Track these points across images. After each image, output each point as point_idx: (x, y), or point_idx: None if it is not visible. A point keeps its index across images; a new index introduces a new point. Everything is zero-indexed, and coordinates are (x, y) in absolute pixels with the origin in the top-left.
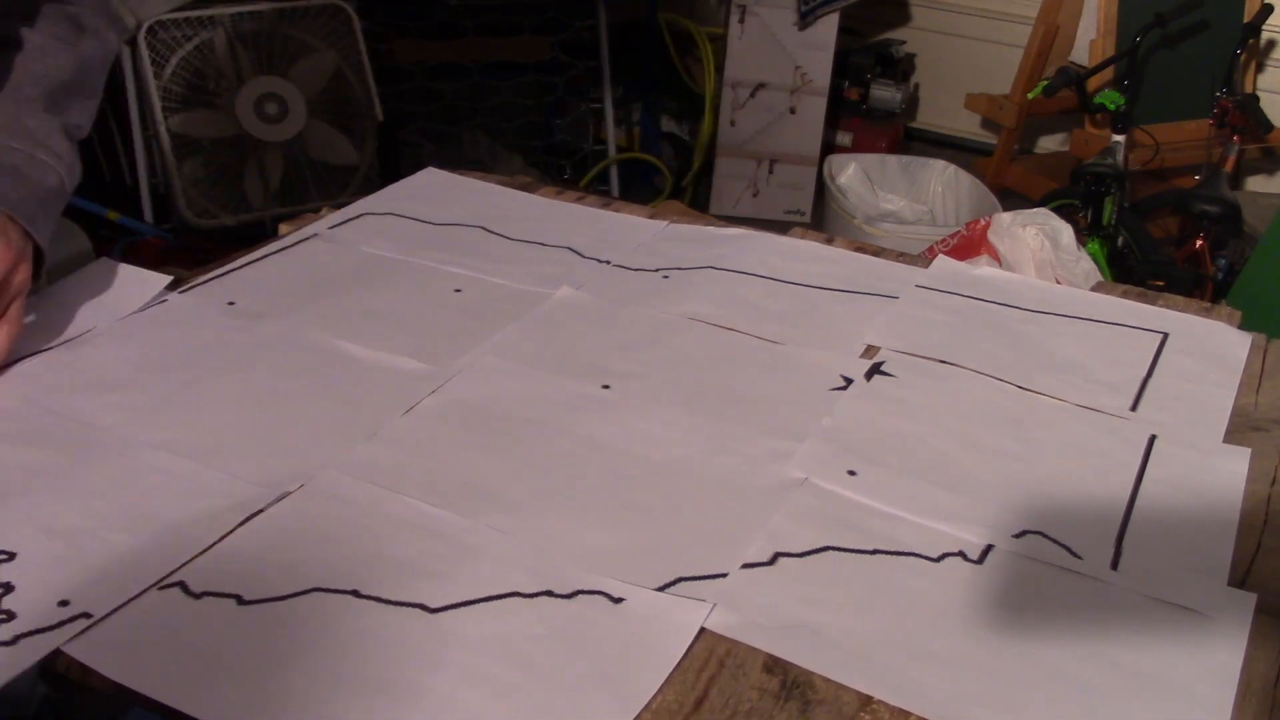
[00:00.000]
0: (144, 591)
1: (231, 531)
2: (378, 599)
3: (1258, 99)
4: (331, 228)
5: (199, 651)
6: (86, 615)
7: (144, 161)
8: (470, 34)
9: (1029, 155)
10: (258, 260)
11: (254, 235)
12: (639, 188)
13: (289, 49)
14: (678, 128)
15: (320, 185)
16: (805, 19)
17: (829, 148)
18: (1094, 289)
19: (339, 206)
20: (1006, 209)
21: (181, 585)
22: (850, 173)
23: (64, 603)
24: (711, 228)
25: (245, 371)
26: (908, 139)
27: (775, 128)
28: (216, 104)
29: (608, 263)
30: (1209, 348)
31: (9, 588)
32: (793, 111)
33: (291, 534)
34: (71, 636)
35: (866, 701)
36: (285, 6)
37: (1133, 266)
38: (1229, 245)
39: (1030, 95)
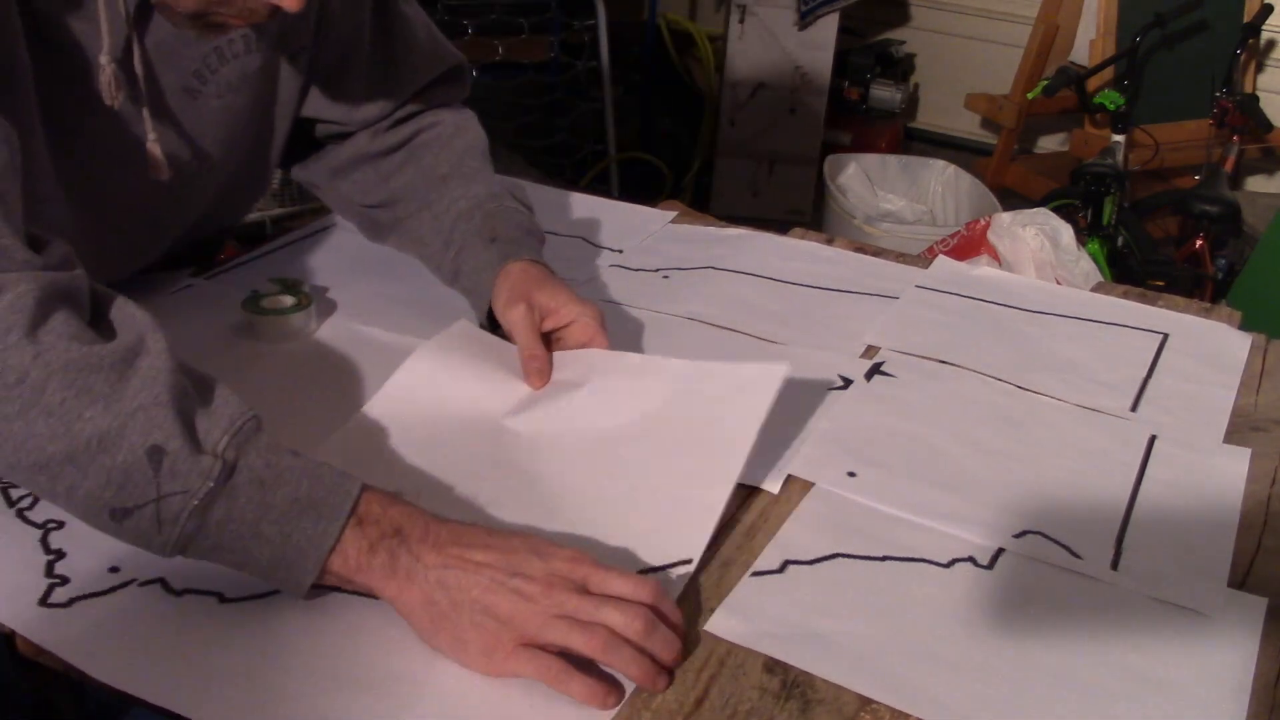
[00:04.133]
0: (124, 585)
1: None
2: (357, 593)
3: (1258, 99)
4: None
5: (183, 649)
6: (135, 581)
7: None
8: (470, 34)
9: (1029, 155)
10: (277, 250)
11: (253, 235)
12: (639, 188)
13: None
14: (678, 128)
15: None
16: (805, 19)
17: (829, 148)
18: (1094, 289)
19: None
20: (1006, 209)
21: (162, 582)
22: (850, 173)
23: (114, 569)
24: (711, 228)
25: (266, 355)
26: (908, 139)
27: (775, 128)
28: None
29: (620, 251)
30: (1209, 348)
31: (61, 554)
32: (792, 111)
33: None
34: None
35: (866, 702)
36: None
37: (1133, 266)
38: (1229, 245)
39: (1030, 95)
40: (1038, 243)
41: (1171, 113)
